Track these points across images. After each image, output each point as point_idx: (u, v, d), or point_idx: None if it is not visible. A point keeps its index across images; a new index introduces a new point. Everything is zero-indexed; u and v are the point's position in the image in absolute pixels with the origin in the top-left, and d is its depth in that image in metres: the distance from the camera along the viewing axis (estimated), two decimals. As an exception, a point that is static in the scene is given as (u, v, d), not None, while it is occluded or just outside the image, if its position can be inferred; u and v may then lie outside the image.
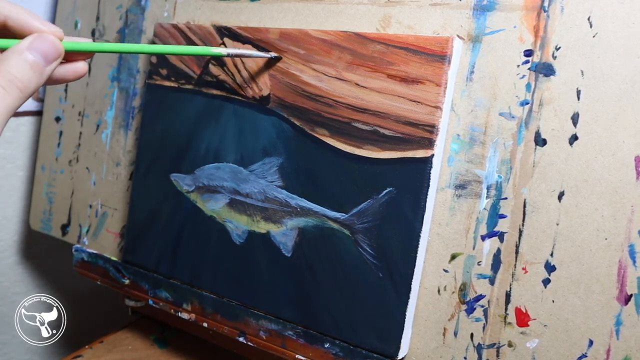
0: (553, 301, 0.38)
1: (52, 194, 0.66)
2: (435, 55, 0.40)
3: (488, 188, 0.40)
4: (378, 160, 0.42)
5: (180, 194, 0.52)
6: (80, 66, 0.36)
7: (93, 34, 0.63)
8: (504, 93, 0.40)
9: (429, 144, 0.40)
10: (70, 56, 0.35)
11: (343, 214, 0.43)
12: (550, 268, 0.38)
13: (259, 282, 0.48)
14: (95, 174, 0.62)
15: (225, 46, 0.50)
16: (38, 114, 0.71)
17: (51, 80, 0.34)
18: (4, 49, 0.32)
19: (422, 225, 0.40)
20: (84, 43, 0.36)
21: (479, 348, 0.40)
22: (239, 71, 0.49)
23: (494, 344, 0.40)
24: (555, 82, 0.38)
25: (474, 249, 0.40)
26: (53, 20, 0.69)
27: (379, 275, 0.42)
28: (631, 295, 0.36)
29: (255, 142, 0.48)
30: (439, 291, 0.42)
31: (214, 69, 0.50)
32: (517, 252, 0.39)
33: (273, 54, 0.45)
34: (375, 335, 0.42)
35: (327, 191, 0.44)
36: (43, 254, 0.77)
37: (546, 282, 0.38)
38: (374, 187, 0.42)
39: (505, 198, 0.39)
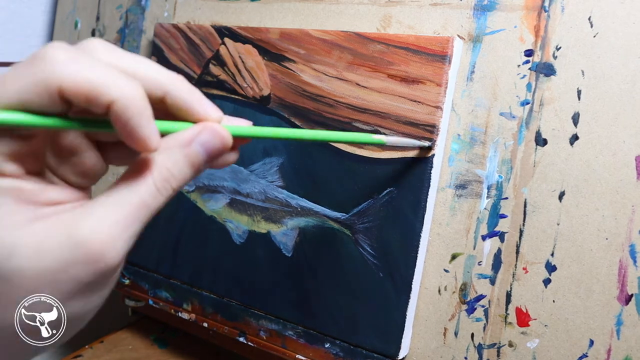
0: (554, 301, 0.38)
1: (52, 194, 0.66)
2: (436, 55, 0.40)
3: (488, 188, 0.40)
4: (378, 160, 0.42)
5: (180, 194, 0.52)
6: (232, 156, 0.29)
7: (93, 34, 0.63)
8: (504, 93, 0.40)
9: (430, 144, 0.40)
10: None
11: (343, 214, 0.43)
12: (550, 268, 0.38)
13: (259, 282, 0.47)
14: (95, 174, 0.62)
15: (226, 46, 0.50)
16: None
17: None
18: (164, 134, 0.26)
19: (422, 225, 0.40)
20: (248, 128, 0.28)
21: (479, 348, 0.40)
22: (239, 71, 0.49)
23: (495, 344, 0.40)
24: (556, 82, 0.38)
25: (474, 248, 0.40)
26: (53, 20, 0.69)
27: (379, 275, 0.42)
28: (632, 295, 0.36)
29: (256, 142, 0.48)
30: (439, 291, 0.42)
31: (214, 69, 0.50)
32: (517, 252, 0.39)
33: (426, 143, 0.40)
34: (376, 335, 0.42)
35: (328, 191, 0.44)
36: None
37: (547, 282, 0.38)
38: (375, 187, 0.42)
39: (506, 198, 0.39)
